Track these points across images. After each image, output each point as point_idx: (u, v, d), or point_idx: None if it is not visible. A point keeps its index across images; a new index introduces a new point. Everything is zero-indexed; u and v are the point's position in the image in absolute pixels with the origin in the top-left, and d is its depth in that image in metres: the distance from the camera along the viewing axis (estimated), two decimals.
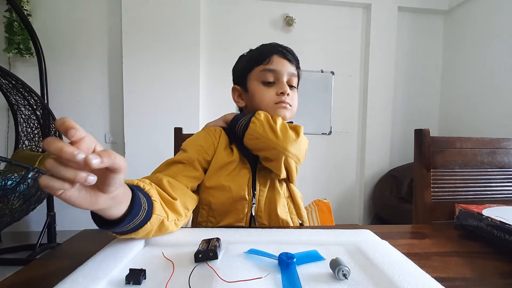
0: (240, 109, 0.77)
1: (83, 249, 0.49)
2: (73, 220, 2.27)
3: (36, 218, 2.13)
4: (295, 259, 0.38)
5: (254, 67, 0.69)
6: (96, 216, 0.38)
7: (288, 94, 0.67)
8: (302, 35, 2.49)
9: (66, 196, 0.28)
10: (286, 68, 0.67)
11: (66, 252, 0.49)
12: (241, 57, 0.75)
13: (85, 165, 0.26)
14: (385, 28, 2.53)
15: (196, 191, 0.66)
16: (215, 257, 0.39)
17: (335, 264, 0.36)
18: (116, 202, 0.35)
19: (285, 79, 0.67)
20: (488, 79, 2.25)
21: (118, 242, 0.45)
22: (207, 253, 0.39)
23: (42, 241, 1.89)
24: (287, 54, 0.68)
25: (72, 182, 0.27)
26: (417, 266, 0.39)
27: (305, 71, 2.49)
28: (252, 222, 0.64)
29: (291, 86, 0.69)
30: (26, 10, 2.07)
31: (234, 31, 2.42)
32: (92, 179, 0.27)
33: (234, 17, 2.43)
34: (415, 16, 2.66)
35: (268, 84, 0.67)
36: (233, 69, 0.76)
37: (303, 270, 0.38)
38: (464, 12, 2.49)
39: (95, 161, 0.26)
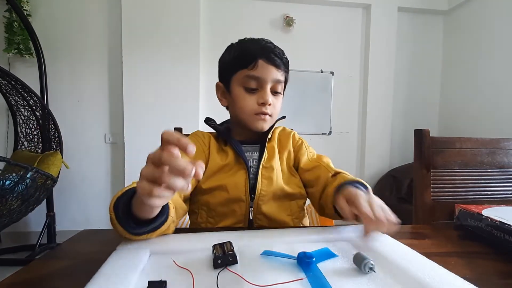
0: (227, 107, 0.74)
1: (82, 249, 0.49)
2: (72, 220, 2.27)
3: (36, 218, 2.13)
4: (314, 258, 0.38)
5: (238, 69, 0.64)
6: (124, 222, 0.41)
7: (270, 104, 0.63)
8: (302, 35, 2.49)
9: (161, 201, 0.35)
10: (271, 75, 0.63)
11: (65, 253, 0.48)
12: (229, 49, 0.69)
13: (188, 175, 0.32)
14: (385, 28, 2.53)
15: (188, 199, 0.66)
16: (234, 261, 0.38)
17: (360, 259, 0.37)
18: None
19: (268, 86, 0.63)
20: (488, 79, 2.26)
21: (121, 252, 0.43)
22: (226, 258, 0.38)
23: (41, 242, 1.88)
24: (275, 59, 0.63)
25: (179, 189, 0.33)
26: (423, 256, 0.40)
27: (305, 72, 2.49)
28: (251, 225, 0.64)
29: (275, 93, 0.65)
30: (26, 10, 2.07)
31: (234, 31, 2.42)
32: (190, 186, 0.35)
33: (234, 17, 2.44)
34: (414, 16, 2.66)
35: (250, 90, 0.64)
36: (219, 60, 0.71)
37: (321, 269, 0.38)
38: (464, 13, 2.49)
39: (201, 172, 0.33)
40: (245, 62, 0.63)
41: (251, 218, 0.63)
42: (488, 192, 0.77)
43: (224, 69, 0.69)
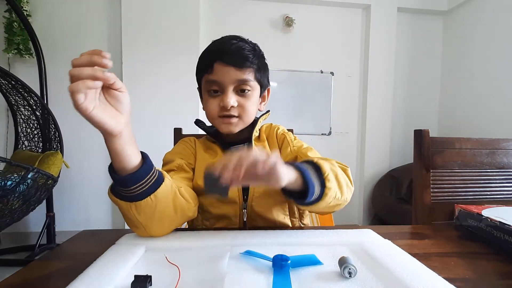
0: None
1: (82, 249, 0.49)
2: (72, 221, 2.27)
3: (35, 219, 2.13)
4: (289, 261, 0.38)
5: (202, 75, 0.64)
6: (117, 180, 0.45)
7: (232, 106, 0.60)
8: (301, 35, 2.49)
9: (94, 112, 0.36)
10: (230, 77, 0.60)
11: (65, 253, 0.48)
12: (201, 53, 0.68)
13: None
14: (384, 29, 2.53)
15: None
16: None
17: (342, 262, 0.37)
18: (129, 139, 0.46)
19: (230, 89, 0.60)
20: (487, 79, 2.26)
21: (119, 247, 0.45)
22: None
23: (41, 242, 1.88)
24: (231, 58, 0.59)
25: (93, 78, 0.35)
26: (423, 264, 0.39)
27: (305, 72, 2.49)
28: (245, 226, 0.63)
29: (243, 91, 0.62)
30: (26, 10, 2.07)
31: (233, 31, 2.37)
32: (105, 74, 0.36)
33: (234, 17, 2.43)
34: (414, 17, 2.67)
35: (214, 93, 0.62)
36: None
37: (299, 273, 0.38)
38: (464, 13, 2.50)
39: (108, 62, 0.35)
40: (204, 67, 0.62)
41: (244, 219, 0.63)
42: (488, 193, 0.77)
43: (196, 75, 0.69)
